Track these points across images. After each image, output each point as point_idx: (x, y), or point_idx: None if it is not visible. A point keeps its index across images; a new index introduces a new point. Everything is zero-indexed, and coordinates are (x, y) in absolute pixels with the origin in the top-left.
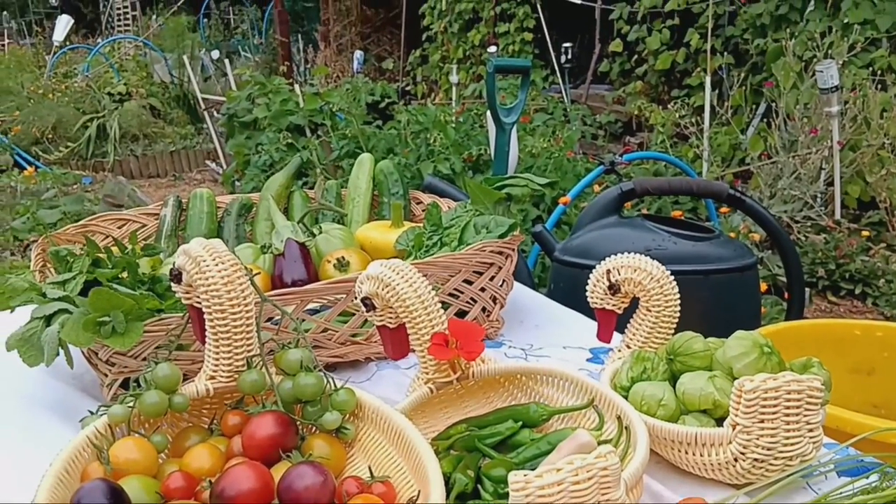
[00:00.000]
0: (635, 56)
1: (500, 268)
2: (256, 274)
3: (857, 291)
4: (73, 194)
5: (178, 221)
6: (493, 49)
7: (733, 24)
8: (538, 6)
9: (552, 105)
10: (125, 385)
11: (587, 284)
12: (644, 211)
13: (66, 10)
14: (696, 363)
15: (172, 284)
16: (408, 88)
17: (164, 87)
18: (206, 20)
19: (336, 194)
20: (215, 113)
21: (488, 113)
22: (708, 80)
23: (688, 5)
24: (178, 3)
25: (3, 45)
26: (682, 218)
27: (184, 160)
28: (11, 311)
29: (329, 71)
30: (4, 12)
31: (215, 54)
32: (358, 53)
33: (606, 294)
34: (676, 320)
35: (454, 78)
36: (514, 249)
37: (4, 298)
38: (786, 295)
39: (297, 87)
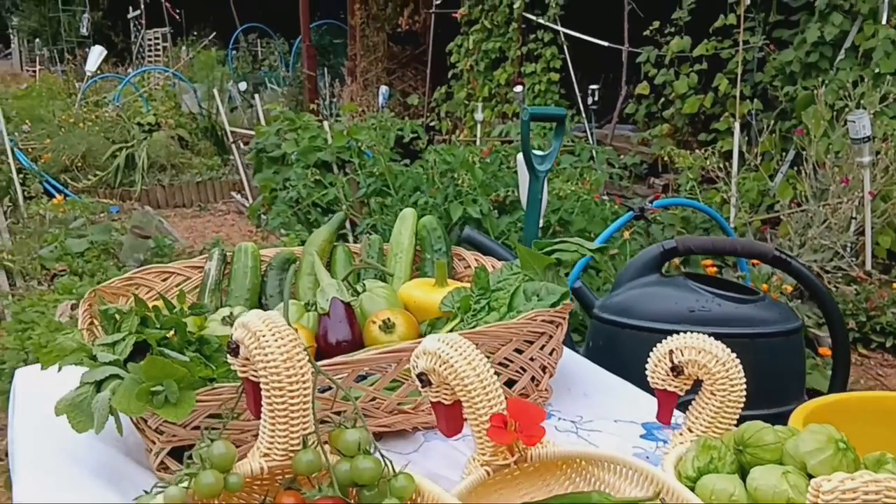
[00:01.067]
0: (662, 99)
1: (551, 337)
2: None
3: (889, 344)
4: (100, 223)
5: (222, 275)
6: (518, 89)
7: (762, 71)
8: (564, 47)
9: (579, 147)
10: (171, 452)
11: (628, 343)
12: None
13: (98, 39)
14: (766, 456)
15: (228, 357)
16: (432, 124)
17: (193, 117)
18: (234, 52)
19: (378, 249)
20: (242, 145)
21: (518, 156)
22: (737, 125)
23: (716, 51)
24: (210, 37)
25: (35, 72)
26: (720, 275)
27: (210, 191)
28: (59, 370)
29: (357, 107)
30: (37, 40)
31: (242, 86)
32: (383, 89)
33: (668, 375)
34: (742, 405)
35: (479, 116)
36: (564, 318)
37: (52, 357)
38: (826, 350)
39: (325, 123)
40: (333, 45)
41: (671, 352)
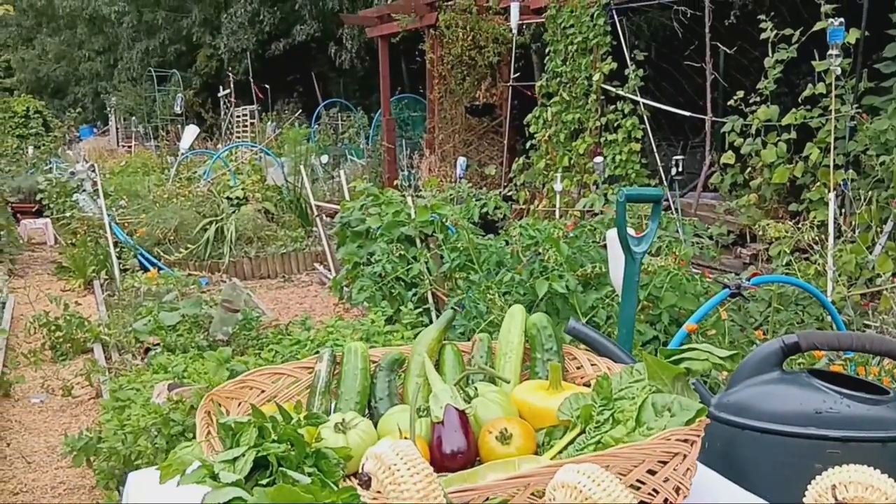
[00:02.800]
0: (748, 168)
1: (686, 456)
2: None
3: None
4: (191, 296)
5: (332, 376)
6: (599, 159)
7: (854, 139)
8: (645, 117)
9: (665, 219)
10: None
11: (749, 446)
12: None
13: (189, 116)
14: None
15: (359, 489)
16: (509, 194)
17: (278, 191)
18: (316, 125)
19: (487, 348)
20: (324, 217)
21: (608, 233)
22: (831, 195)
23: (805, 120)
24: (296, 115)
25: (131, 147)
26: (847, 373)
27: (293, 262)
28: (178, 485)
29: (438, 181)
30: (133, 118)
31: (324, 159)
32: (461, 160)
33: None
34: None
35: (559, 186)
36: (699, 436)
37: (172, 471)
38: None
39: (409, 199)
40: (412, 118)
41: (834, 486)
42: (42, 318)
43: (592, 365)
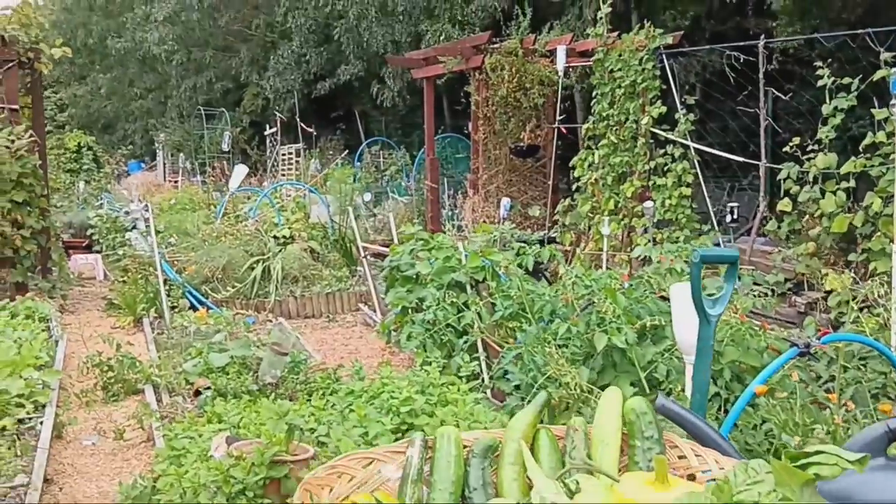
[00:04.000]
0: (805, 216)
1: None
2: None
3: None
4: (240, 337)
5: (424, 462)
6: (649, 204)
7: None
8: (696, 162)
9: (722, 268)
10: None
11: None
12: None
13: (234, 151)
14: None
15: None
16: (553, 235)
17: (323, 230)
18: (359, 163)
19: (584, 435)
20: (370, 257)
21: (673, 287)
22: (894, 246)
23: (865, 168)
24: (343, 155)
25: (177, 182)
26: None
27: (338, 302)
28: None
29: (490, 228)
30: (181, 154)
31: (367, 196)
32: (505, 200)
33: None
34: None
35: (606, 230)
36: None
37: None
38: None
39: (460, 245)
40: (453, 157)
41: None
42: (95, 358)
43: (697, 456)
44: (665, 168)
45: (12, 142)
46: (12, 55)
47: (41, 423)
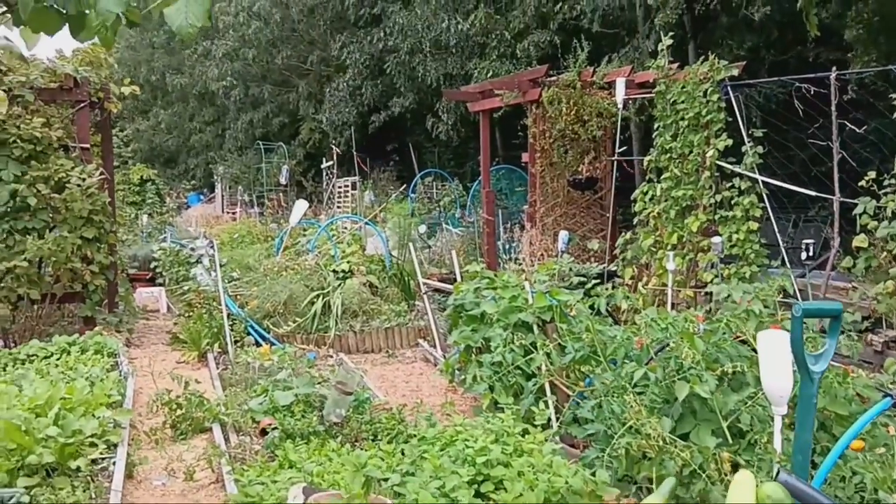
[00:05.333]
0: (885, 252)
1: None
2: None
3: None
4: (303, 374)
5: None
6: (717, 240)
7: None
8: (764, 196)
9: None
10: None
11: None
12: None
13: (290, 183)
14: None
15: None
16: (613, 269)
17: (381, 264)
18: (413, 195)
19: None
20: (431, 293)
21: (761, 335)
22: None
23: None
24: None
25: (235, 213)
26: None
27: (397, 337)
28: None
29: (555, 267)
30: (239, 186)
31: (422, 228)
32: (563, 234)
33: None
34: None
35: (671, 265)
36: None
37: None
38: None
39: (526, 284)
40: (507, 188)
41: None
42: (164, 396)
43: None
44: (732, 201)
45: (83, 180)
46: (84, 96)
47: (113, 463)
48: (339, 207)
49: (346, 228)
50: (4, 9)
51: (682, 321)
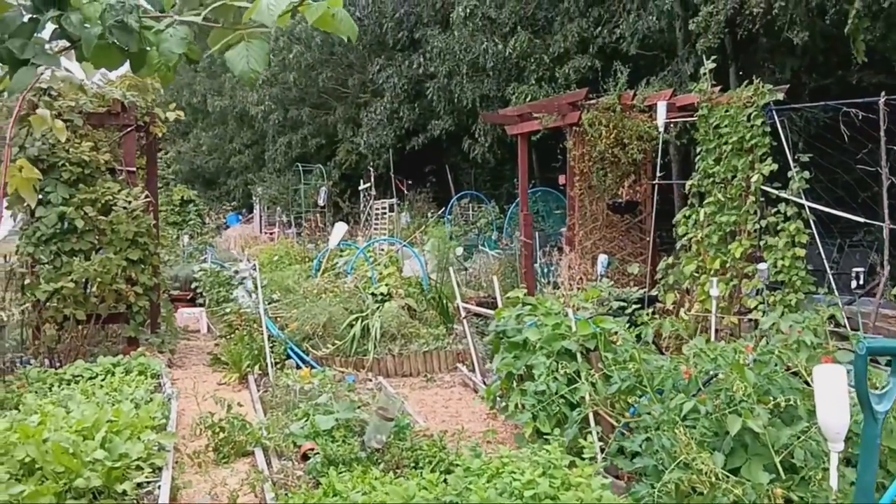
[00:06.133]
0: None
1: None
2: None
3: None
4: (342, 396)
5: None
6: (763, 266)
7: None
8: (811, 221)
9: (856, 339)
10: None
11: None
12: None
13: (328, 204)
14: None
15: None
16: (654, 294)
17: (419, 287)
18: (449, 216)
19: None
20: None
21: (817, 370)
22: None
23: None
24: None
25: (273, 234)
26: None
27: (435, 361)
28: None
29: (599, 293)
30: (278, 207)
31: (459, 251)
32: (602, 257)
33: None
34: None
35: (715, 291)
36: None
37: None
38: None
39: (570, 311)
40: (546, 211)
41: None
42: (207, 420)
43: None
44: (777, 227)
45: (129, 202)
46: (131, 120)
47: (159, 487)
48: (376, 229)
49: (382, 250)
50: (68, 44)
51: (731, 352)
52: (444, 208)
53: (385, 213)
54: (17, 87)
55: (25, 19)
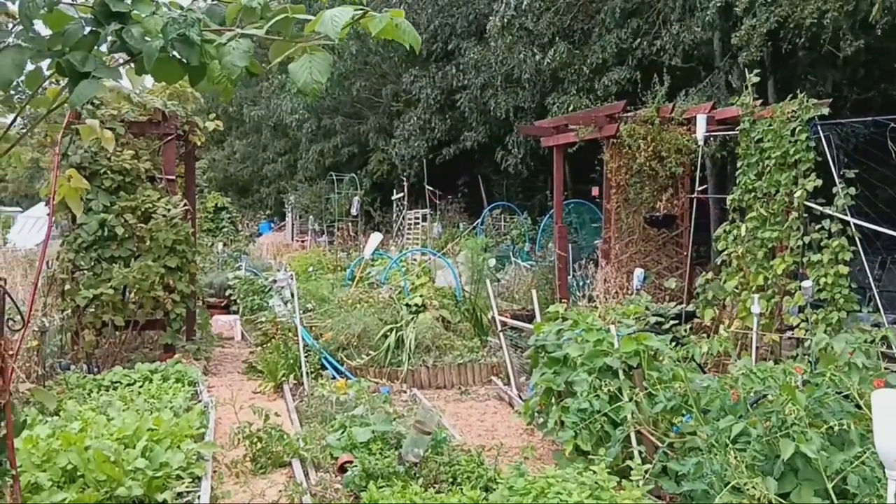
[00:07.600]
0: None
1: None
2: None
3: None
4: (378, 408)
5: None
6: (807, 284)
7: None
8: (856, 239)
9: None
10: None
11: None
12: None
13: (359, 213)
14: None
15: None
16: (691, 310)
17: (453, 298)
18: (481, 227)
19: None
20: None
21: (875, 395)
22: None
23: None
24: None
25: (304, 242)
26: None
27: (469, 373)
28: None
29: (640, 310)
30: (309, 215)
31: (491, 262)
32: (638, 271)
33: None
34: None
35: (756, 308)
36: None
37: None
38: None
39: (612, 328)
40: (581, 223)
41: None
42: (245, 430)
43: None
44: (821, 244)
45: (168, 210)
46: (171, 129)
47: (198, 497)
48: (408, 239)
49: (415, 260)
50: (128, 57)
51: (780, 373)
52: (477, 220)
53: (418, 223)
54: (79, 100)
55: (86, 32)
